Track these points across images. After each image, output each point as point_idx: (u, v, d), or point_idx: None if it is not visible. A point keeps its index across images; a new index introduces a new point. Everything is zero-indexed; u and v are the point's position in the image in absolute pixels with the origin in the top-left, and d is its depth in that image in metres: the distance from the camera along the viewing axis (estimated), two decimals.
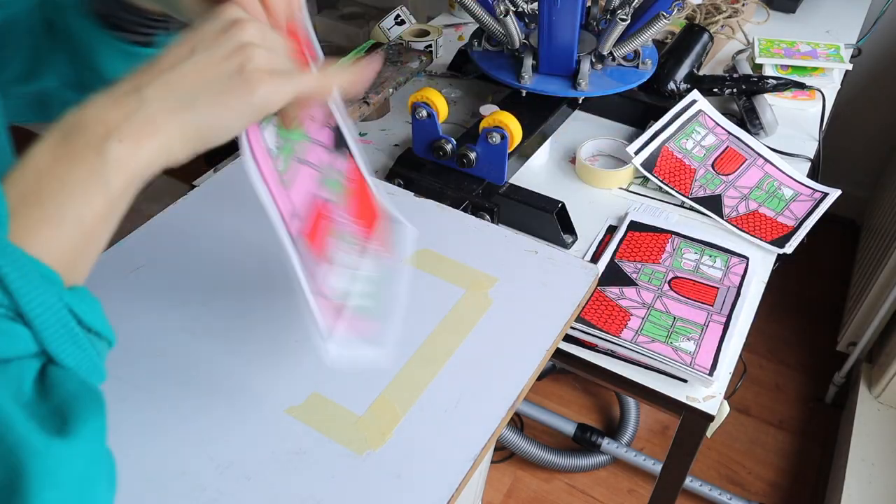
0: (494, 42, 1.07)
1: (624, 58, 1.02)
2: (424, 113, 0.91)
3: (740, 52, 1.29)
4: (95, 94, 0.38)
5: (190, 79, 0.40)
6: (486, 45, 1.08)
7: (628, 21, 0.94)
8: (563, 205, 0.89)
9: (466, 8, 0.99)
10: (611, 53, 1.01)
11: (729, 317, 0.79)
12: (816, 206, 0.96)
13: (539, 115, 1.02)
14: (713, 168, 1.00)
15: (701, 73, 1.12)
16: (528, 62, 1.00)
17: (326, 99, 0.51)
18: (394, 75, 1.09)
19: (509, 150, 0.90)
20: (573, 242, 0.90)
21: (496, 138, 0.88)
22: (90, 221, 0.36)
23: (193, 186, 0.83)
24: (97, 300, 0.36)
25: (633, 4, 0.95)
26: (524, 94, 1.04)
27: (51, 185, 0.35)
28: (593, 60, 1.01)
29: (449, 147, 0.92)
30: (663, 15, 0.92)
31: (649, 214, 0.94)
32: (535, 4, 1.06)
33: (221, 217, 0.76)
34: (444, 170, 0.94)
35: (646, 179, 0.99)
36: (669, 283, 0.83)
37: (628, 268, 0.85)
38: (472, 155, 0.91)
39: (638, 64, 1.02)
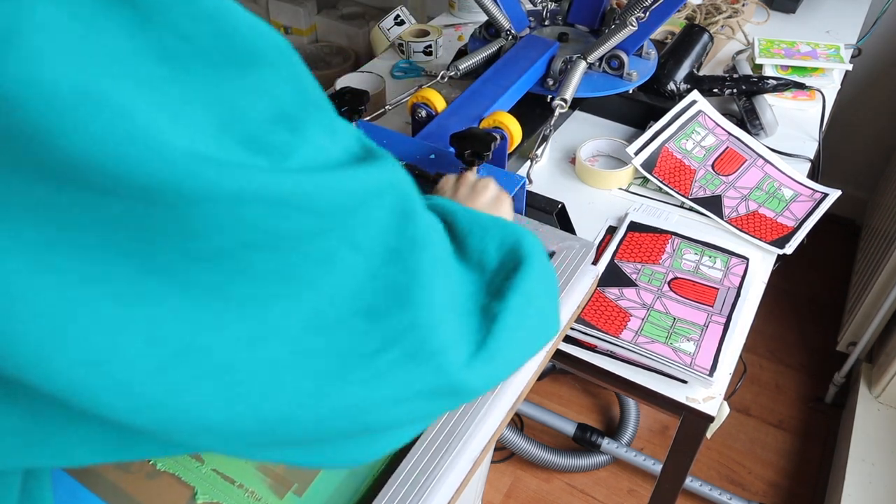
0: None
1: (609, 65, 1.03)
2: (424, 113, 0.91)
3: (740, 52, 1.28)
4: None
5: None
6: None
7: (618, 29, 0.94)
8: (563, 205, 0.89)
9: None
10: (598, 61, 1.02)
11: (729, 317, 0.79)
12: (816, 206, 0.96)
13: (539, 115, 1.02)
14: (713, 168, 0.99)
15: (701, 73, 1.12)
16: None
17: None
18: None
19: (509, 151, 0.90)
20: None
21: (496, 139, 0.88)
22: None
23: None
24: None
25: (643, 7, 0.95)
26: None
27: None
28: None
29: None
30: (630, 22, 0.93)
31: (649, 215, 0.94)
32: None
33: None
34: None
35: (646, 180, 0.99)
36: (669, 283, 0.83)
37: (628, 268, 0.85)
38: None
39: (623, 74, 1.03)
